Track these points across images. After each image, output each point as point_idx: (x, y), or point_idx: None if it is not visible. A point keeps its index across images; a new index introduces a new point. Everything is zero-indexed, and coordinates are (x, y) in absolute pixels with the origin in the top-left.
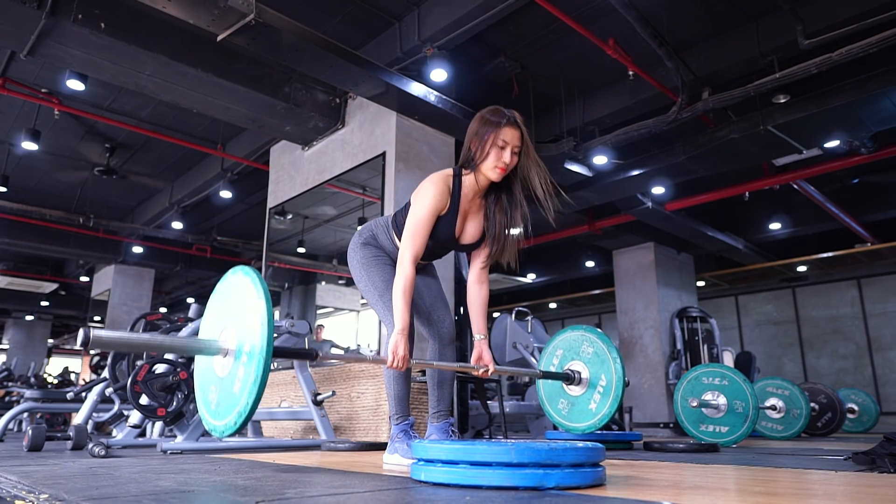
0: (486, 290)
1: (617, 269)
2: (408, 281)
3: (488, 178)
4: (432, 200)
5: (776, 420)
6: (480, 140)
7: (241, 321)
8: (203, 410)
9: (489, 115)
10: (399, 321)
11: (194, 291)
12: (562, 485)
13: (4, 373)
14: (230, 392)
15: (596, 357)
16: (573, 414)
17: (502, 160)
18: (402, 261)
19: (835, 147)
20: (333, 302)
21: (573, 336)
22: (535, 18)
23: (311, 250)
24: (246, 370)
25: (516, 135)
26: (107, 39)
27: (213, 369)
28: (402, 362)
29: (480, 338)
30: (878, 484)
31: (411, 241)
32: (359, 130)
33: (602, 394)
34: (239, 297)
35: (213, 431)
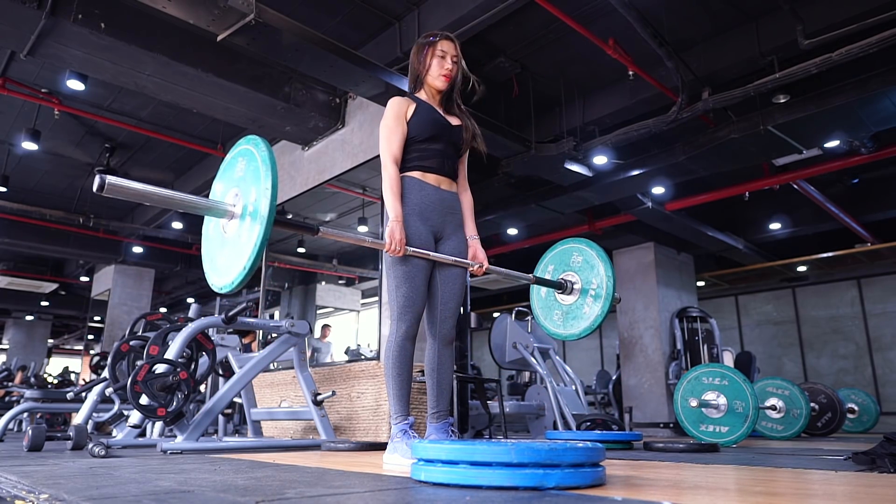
0: (469, 194)
1: (617, 269)
2: (392, 179)
3: (436, 87)
4: (391, 108)
5: (776, 420)
6: (421, 56)
7: (246, 183)
8: (208, 271)
9: (423, 38)
10: (391, 211)
11: (194, 291)
12: (562, 485)
13: (4, 373)
14: (236, 247)
15: (585, 263)
16: (568, 321)
17: (445, 67)
18: (385, 164)
19: (835, 147)
20: (333, 302)
21: (563, 249)
22: (535, 18)
23: (311, 250)
24: (251, 224)
25: (452, 45)
26: (107, 39)
27: (219, 232)
28: (399, 245)
29: (473, 237)
30: (878, 484)
31: (387, 144)
32: (359, 130)
33: (594, 297)
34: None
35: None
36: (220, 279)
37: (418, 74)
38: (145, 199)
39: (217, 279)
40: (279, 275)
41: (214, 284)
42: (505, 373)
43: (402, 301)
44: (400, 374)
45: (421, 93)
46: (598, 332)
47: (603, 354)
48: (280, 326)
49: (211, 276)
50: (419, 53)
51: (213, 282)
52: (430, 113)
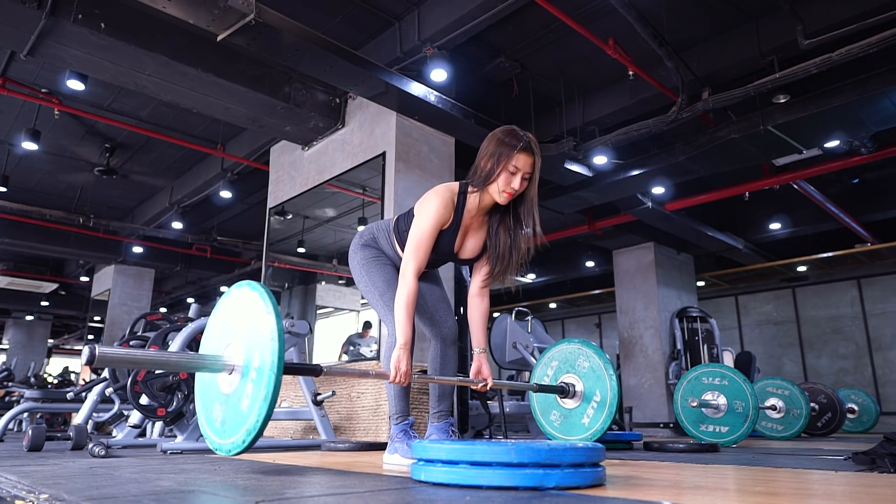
0: (487, 304)
1: (617, 269)
2: (411, 294)
3: (494, 200)
4: (436, 215)
5: (776, 420)
6: (493, 161)
7: (249, 337)
8: (206, 429)
9: (506, 137)
10: (401, 335)
11: (194, 291)
12: (562, 485)
13: (4, 373)
14: (237, 410)
15: (591, 372)
16: (565, 426)
17: (511, 186)
18: (405, 274)
19: (835, 147)
20: (333, 302)
21: (569, 349)
22: (535, 18)
23: (311, 250)
24: (255, 387)
25: (529, 161)
26: (107, 39)
27: (216, 386)
28: (403, 378)
29: (479, 351)
30: (878, 484)
31: (414, 255)
32: (359, 130)
33: (596, 409)
34: (246, 313)
35: (218, 450)
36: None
37: (483, 177)
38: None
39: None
40: (279, 275)
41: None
42: (505, 373)
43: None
44: None
45: (473, 195)
46: (598, 331)
47: None
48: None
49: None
50: (492, 156)
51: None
52: (450, 239)
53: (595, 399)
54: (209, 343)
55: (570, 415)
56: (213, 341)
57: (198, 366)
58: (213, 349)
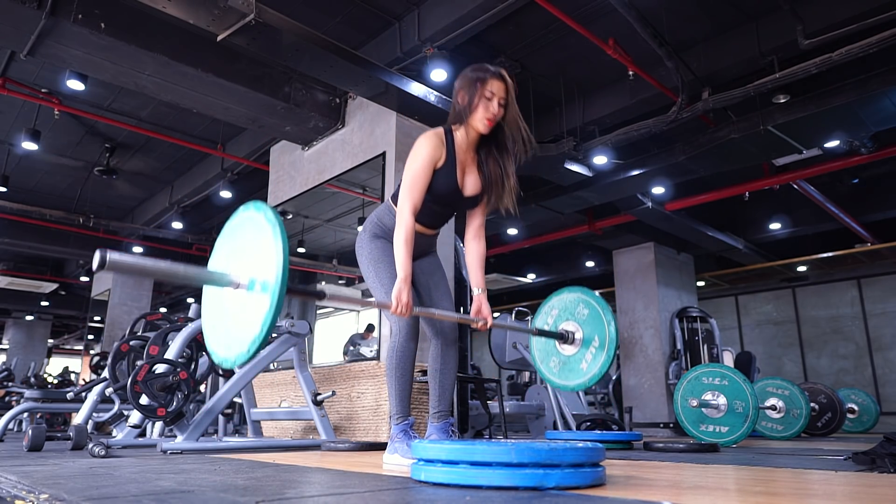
0: (483, 246)
1: (617, 269)
2: (408, 231)
3: (477, 129)
4: (427, 151)
5: (776, 420)
6: (468, 93)
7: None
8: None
9: (475, 71)
10: (401, 270)
11: (194, 291)
12: (562, 485)
13: (4, 373)
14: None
15: (591, 318)
16: (564, 372)
17: (490, 111)
18: (402, 212)
19: (835, 147)
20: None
21: (569, 297)
22: (535, 18)
23: (311, 250)
24: (260, 300)
25: (502, 87)
26: (107, 39)
27: (222, 303)
28: (405, 308)
29: (479, 291)
30: (878, 484)
31: (409, 192)
32: (359, 130)
33: (594, 353)
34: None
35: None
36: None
37: (462, 110)
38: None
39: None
40: None
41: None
42: (505, 373)
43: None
44: (402, 375)
45: (458, 130)
46: None
47: None
48: (280, 326)
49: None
50: (466, 88)
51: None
52: (450, 178)
53: (594, 344)
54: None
55: (569, 361)
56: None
57: (206, 279)
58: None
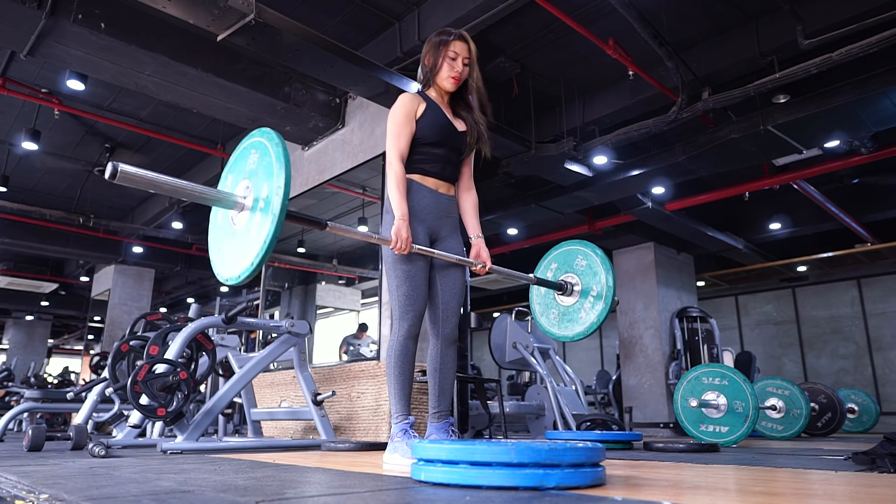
0: (475, 195)
1: (617, 269)
2: (398, 176)
3: (444, 88)
4: (401, 105)
5: (776, 420)
6: (433, 55)
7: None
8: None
9: (439, 35)
10: (398, 210)
11: (194, 291)
12: (562, 485)
13: (4, 373)
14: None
15: (588, 269)
16: (563, 322)
17: (455, 70)
18: (390, 160)
19: (835, 147)
20: (333, 302)
21: (568, 249)
22: (535, 18)
23: (311, 250)
24: (262, 219)
25: (465, 47)
26: (107, 39)
27: (228, 223)
28: (405, 244)
29: (476, 236)
30: (878, 484)
31: (394, 141)
32: (359, 130)
33: (592, 302)
34: (256, 156)
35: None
36: (227, 271)
37: (428, 72)
38: (156, 188)
39: (224, 270)
40: (279, 275)
41: (221, 275)
42: (505, 373)
43: (404, 300)
44: (402, 374)
45: (430, 91)
46: (599, 331)
47: (603, 354)
48: (280, 326)
49: (218, 267)
50: (431, 51)
51: (220, 272)
52: (439, 116)
53: (592, 294)
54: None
55: (568, 311)
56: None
57: (212, 198)
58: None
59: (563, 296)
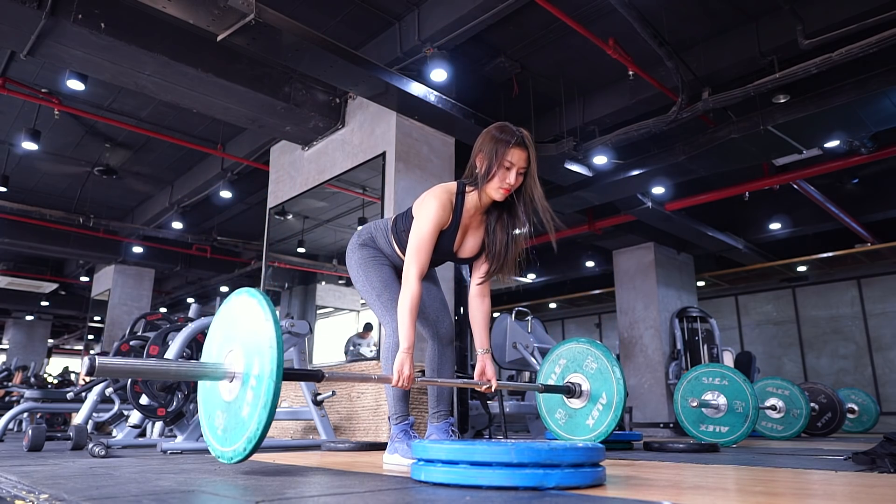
0: (488, 304)
1: (617, 269)
2: (414, 298)
3: (491, 197)
4: (435, 216)
5: (776, 420)
6: (487, 159)
7: (249, 345)
8: (209, 437)
9: (498, 133)
10: (405, 340)
11: (194, 291)
12: (562, 485)
13: (4, 373)
14: (238, 417)
15: (599, 373)
16: (570, 426)
17: (507, 181)
18: (408, 277)
19: (835, 147)
20: (333, 302)
21: (578, 348)
22: (535, 18)
23: (311, 250)
24: (255, 394)
25: (523, 156)
26: (107, 39)
27: (218, 393)
28: (406, 382)
29: (483, 352)
30: (878, 484)
31: (416, 258)
32: (359, 130)
33: (602, 410)
34: (245, 320)
35: (220, 458)
36: (225, 448)
37: (478, 175)
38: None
39: (221, 448)
40: (279, 275)
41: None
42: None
43: (390, 305)
44: None
45: (472, 194)
46: (598, 331)
47: None
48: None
49: (213, 443)
50: (487, 154)
51: (217, 449)
52: (451, 239)
53: (601, 401)
54: (211, 350)
55: (576, 414)
56: (214, 348)
57: (199, 374)
58: (215, 356)
59: (571, 398)
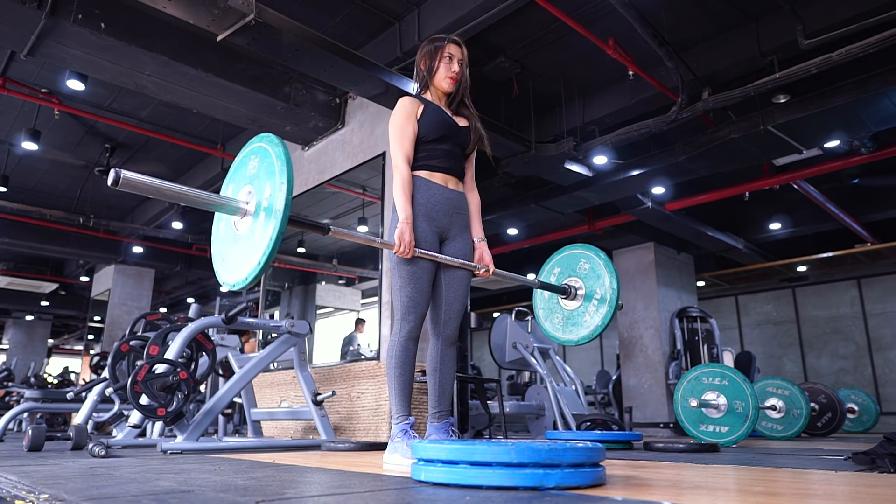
0: (478, 196)
1: (617, 269)
2: (405, 180)
3: (442, 88)
4: (400, 109)
5: (776, 420)
6: (428, 59)
7: (260, 180)
8: (219, 269)
9: (430, 42)
10: (402, 213)
11: (194, 291)
12: (562, 485)
13: (4, 373)
14: (249, 244)
15: (592, 272)
16: (567, 327)
17: (452, 70)
18: (397, 165)
19: (835, 147)
20: (333, 302)
21: (571, 253)
22: (535, 18)
23: (311, 250)
24: (266, 220)
25: (459, 49)
26: (107, 39)
27: (231, 230)
28: (408, 247)
29: (479, 239)
30: (878, 484)
31: (398, 143)
32: (359, 130)
33: (596, 306)
34: (257, 160)
35: (228, 285)
36: (232, 276)
37: (425, 76)
38: (159, 195)
39: (229, 276)
40: (279, 275)
41: (226, 282)
42: (505, 373)
43: (407, 301)
44: (402, 374)
45: (427, 94)
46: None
47: (603, 354)
48: (280, 326)
49: (222, 275)
50: (426, 56)
51: (225, 279)
52: (439, 114)
53: (595, 297)
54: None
55: (572, 315)
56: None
57: (215, 204)
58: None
59: (566, 300)
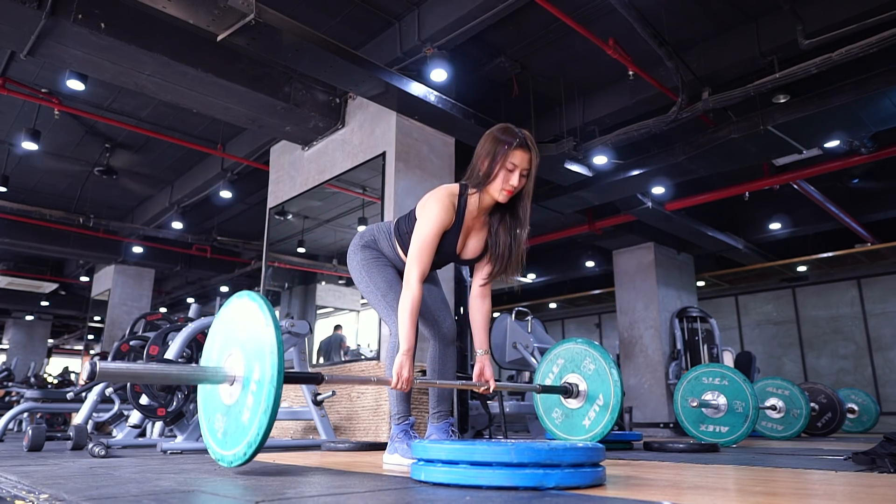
0: (489, 305)
1: (617, 269)
2: (415, 300)
3: (494, 199)
4: (438, 219)
5: (776, 420)
6: (490, 160)
7: (249, 348)
8: (209, 439)
9: (501, 135)
10: (405, 342)
11: (194, 291)
12: (562, 485)
13: (4, 373)
14: (238, 421)
15: (597, 374)
16: (567, 426)
17: (510, 183)
18: (409, 280)
19: (835, 147)
20: (333, 302)
21: (576, 349)
22: (535, 18)
23: (311, 250)
24: (255, 399)
25: (526, 157)
26: (107, 39)
27: (218, 396)
28: (405, 384)
29: (482, 353)
30: (878, 484)
31: (418, 260)
32: (359, 130)
33: (598, 411)
34: (246, 324)
35: (220, 461)
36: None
37: (479, 177)
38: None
39: (222, 451)
40: (279, 275)
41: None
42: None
43: (395, 305)
44: None
45: (474, 196)
46: (598, 331)
47: None
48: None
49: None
50: (488, 156)
51: (217, 452)
52: (453, 241)
53: (598, 402)
54: (211, 352)
55: (573, 414)
56: (214, 351)
57: (199, 378)
58: (215, 359)
59: (568, 398)
